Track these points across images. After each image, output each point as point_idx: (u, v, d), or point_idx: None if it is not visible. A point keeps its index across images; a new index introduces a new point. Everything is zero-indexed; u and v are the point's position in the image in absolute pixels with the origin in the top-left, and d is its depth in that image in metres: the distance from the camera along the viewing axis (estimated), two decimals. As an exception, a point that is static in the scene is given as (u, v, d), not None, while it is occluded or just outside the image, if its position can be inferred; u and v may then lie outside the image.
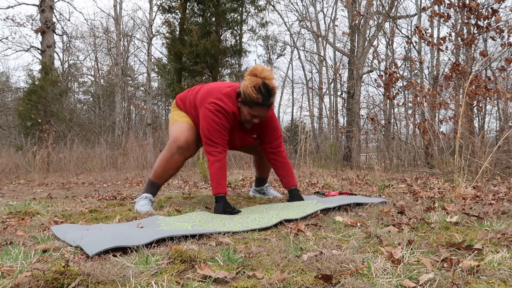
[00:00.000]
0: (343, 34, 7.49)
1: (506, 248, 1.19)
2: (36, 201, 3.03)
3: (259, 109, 2.16)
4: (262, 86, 2.10)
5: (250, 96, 2.10)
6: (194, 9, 10.19)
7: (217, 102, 2.17)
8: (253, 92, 2.09)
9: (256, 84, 2.10)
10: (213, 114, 2.16)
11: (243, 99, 2.14)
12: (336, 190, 2.94)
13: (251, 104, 2.13)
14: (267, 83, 2.12)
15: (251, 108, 2.15)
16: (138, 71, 21.88)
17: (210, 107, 2.17)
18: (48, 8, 11.61)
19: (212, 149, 2.17)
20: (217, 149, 2.16)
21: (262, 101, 2.11)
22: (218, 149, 2.17)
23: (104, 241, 1.34)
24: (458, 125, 2.90)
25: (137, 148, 7.70)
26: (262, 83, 2.10)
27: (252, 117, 2.20)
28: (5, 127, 15.63)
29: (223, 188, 2.11)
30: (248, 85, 2.10)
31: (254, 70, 2.14)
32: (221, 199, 2.09)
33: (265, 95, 2.10)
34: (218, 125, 2.16)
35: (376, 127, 7.34)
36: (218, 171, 2.13)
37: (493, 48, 10.63)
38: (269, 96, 2.13)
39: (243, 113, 2.20)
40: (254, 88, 2.09)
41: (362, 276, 0.99)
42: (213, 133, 2.16)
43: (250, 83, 2.10)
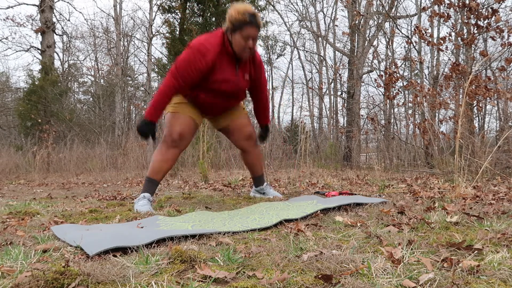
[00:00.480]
0: (343, 34, 7.48)
1: (506, 248, 1.19)
2: (36, 201, 3.03)
3: (249, 29, 2.27)
4: (244, 9, 2.27)
5: (237, 19, 2.25)
6: (194, 9, 10.19)
7: (199, 41, 2.30)
8: (238, 15, 2.25)
9: (239, 9, 2.27)
10: (190, 51, 2.27)
11: (232, 27, 2.27)
12: (336, 190, 2.94)
13: (240, 26, 2.26)
14: (248, 8, 2.30)
15: (241, 30, 2.26)
16: (138, 71, 21.89)
17: (190, 44, 2.30)
18: (48, 8, 11.61)
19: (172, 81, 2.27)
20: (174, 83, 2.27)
21: (249, 18, 2.25)
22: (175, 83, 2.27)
23: (104, 241, 1.34)
24: (458, 125, 2.90)
25: (137, 148, 7.69)
26: (243, 8, 2.28)
27: (245, 40, 2.28)
28: (5, 127, 15.63)
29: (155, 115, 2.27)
30: (232, 12, 2.27)
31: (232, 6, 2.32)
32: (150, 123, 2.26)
33: (249, 15, 2.26)
34: (190, 63, 2.26)
35: (376, 127, 7.34)
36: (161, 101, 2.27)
37: (493, 48, 10.64)
38: (254, 15, 2.28)
39: (236, 40, 2.30)
40: (239, 12, 2.25)
41: (362, 276, 0.99)
42: (182, 69, 2.27)
43: (233, 11, 2.27)
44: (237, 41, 2.29)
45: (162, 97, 2.27)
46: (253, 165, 2.85)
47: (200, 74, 2.30)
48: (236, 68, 2.41)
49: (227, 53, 2.34)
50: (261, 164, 2.89)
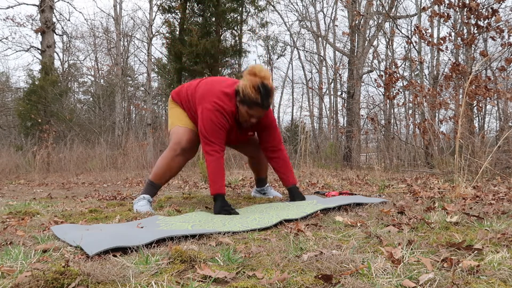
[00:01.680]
0: (343, 34, 7.49)
1: (506, 248, 1.19)
2: (36, 201, 3.03)
3: (257, 110, 2.16)
4: (261, 86, 2.09)
5: (249, 96, 2.10)
6: (194, 9, 10.19)
7: (217, 101, 2.18)
8: (252, 92, 2.08)
9: (255, 83, 2.08)
10: (212, 114, 2.16)
11: (242, 98, 2.14)
12: (336, 190, 2.94)
13: (249, 104, 2.13)
14: (266, 83, 2.11)
15: (249, 108, 2.15)
16: (138, 71, 21.90)
17: (209, 107, 2.17)
18: (48, 8, 11.61)
19: (209, 148, 2.17)
20: (215, 148, 2.16)
21: (261, 101, 2.11)
22: (216, 148, 2.16)
23: (104, 241, 1.34)
24: (458, 125, 2.90)
25: (137, 148, 7.70)
26: (261, 83, 2.09)
27: (249, 116, 2.20)
28: (5, 127, 15.63)
29: (221, 188, 2.11)
30: (247, 84, 2.10)
31: (253, 69, 2.13)
32: (219, 198, 2.09)
33: (263, 96, 2.10)
34: (216, 124, 2.17)
35: (376, 127, 7.34)
36: (216, 171, 2.13)
37: (493, 48, 10.63)
38: (268, 97, 2.12)
39: (241, 112, 2.20)
40: (253, 88, 2.08)
41: (362, 276, 0.99)
42: (212, 132, 2.16)
43: (249, 83, 2.09)
44: (242, 113, 2.20)
45: (215, 167, 2.14)
46: (259, 169, 2.85)
47: (226, 131, 2.23)
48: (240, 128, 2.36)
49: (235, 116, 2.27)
50: (266, 167, 2.88)
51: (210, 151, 2.16)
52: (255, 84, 2.08)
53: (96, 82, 20.85)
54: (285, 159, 2.46)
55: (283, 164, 2.44)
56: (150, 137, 10.88)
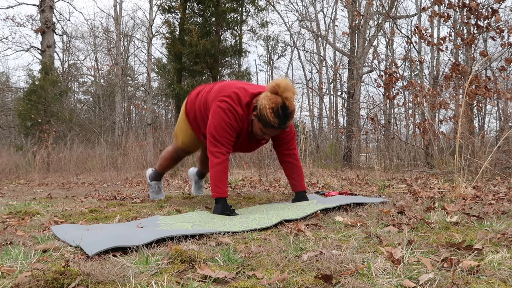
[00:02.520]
0: (343, 34, 7.49)
1: (506, 248, 1.19)
2: (36, 201, 3.03)
3: (272, 131, 2.10)
4: (280, 108, 1.98)
5: (266, 118, 2.00)
6: (194, 9, 10.19)
7: (230, 102, 2.09)
8: (270, 115, 1.98)
9: (275, 105, 1.98)
10: (223, 113, 2.07)
11: (258, 116, 2.05)
12: (336, 190, 2.94)
13: (265, 124, 2.05)
14: (287, 105, 2.00)
15: (264, 127, 2.07)
16: (138, 71, 21.90)
17: (221, 105, 2.08)
18: (48, 8, 11.61)
19: (215, 149, 2.08)
20: (221, 150, 2.08)
21: (278, 125, 2.02)
22: (222, 150, 2.08)
23: (104, 241, 1.34)
24: (458, 125, 2.90)
25: (137, 148, 7.69)
26: (281, 105, 1.99)
27: (263, 133, 2.14)
28: (5, 127, 15.63)
29: (223, 191, 2.05)
30: (266, 105, 1.98)
31: (277, 87, 2.00)
32: (220, 201, 2.04)
33: (282, 119, 2.01)
34: (227, 125, 2.08)
35: (376, 127, 7.34)
36: (219, 174, 2.06)
37: (493, 48, 10.64)
38: (286, 120, 2.03)
39: (255, 127, 2.13)
40: (272, 111, 1.98)
41: (362, 276, 0.99)
42: (220, 132, 2.08)
43: (269, 103, 1.98)
44: (256, 128, 2.13)
45: (219, 170, 2.07)
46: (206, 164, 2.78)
47: (236, 134, 2.14)
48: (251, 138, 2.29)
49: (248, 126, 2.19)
50: None
51: (215, 153, 2.08)
52: (274, 106, 1.98)
53: (96, 82, 20.85)
54: (298, 165, 2.39)
55: (296, 170, 2.37)
56: (150, 137, 10.89)
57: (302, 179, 2.39)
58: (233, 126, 2.10)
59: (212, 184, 2.06)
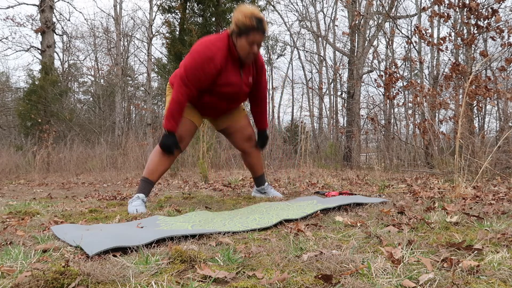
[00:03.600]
0: (343, 34, 7.48)
1: (506, 248, 1.19)
2: (36, 201, 3.03)
3: (255, 34, 2.26)
4: (252, 14, 2.23)
5: (243, 24, 2.22)
6: (194, 9, 10.19)
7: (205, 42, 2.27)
8: (246, 20, 2.22)
9: (246, 13, 2.23)
10: (198, 55, 2.24)
11: (238, 31, 2.25)
12: (336, 190, 2.94)
13: (246, 31, 2.24)
14: (256, 12, 2.26)
15: (247, 36, 2.25)
16: (138, 71, 21.90)
17: (197, 48, 2.25)
18: (48, 8, 11.61)
19: (181, 89, 2.26)
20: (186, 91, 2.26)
21: (256, 24, 2.23)
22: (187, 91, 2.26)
23: (104, 241, 1.34)
24: (458, 125, 2.90)
25: (137, 148, 7.70)
26: (251, 12, 2.24)
27: (250, 44, 2.27)
28: (5, 127, 15.63)
29: (173, 125, 2.27)
30: (239, 16, 2.23)
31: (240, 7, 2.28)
32: (171, 135, 2.26)
33: (257, 20, 2.23)
34: (199, 66, 2.23)
35: (376, 127, 7.34)
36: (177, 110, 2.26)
37: (493, 48, 10.64)
38: (261, 21, 2.25)
39: (241, 45, 2.28)
40: (246, 16, 2.22)
41: (362, 276, 0.99)
42: (191, 73, 2.25)
43: (240, 14, 2.23)
44: (242, 45, 2.28)
45: (176, 106, 2.27)
46: (253, 165, 2.85)
47: (210, 78, 2.29)
48: (240, 71, 2.41)
49: (232, 57, 2.33)
50: (261, 164, 2.89)
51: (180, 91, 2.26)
52: (246, 13, 2.23)
53: (96, 82, 20.85)
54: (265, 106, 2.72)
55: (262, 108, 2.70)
56: (150, 137, 10.88)
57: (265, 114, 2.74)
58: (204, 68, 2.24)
59: (168, 117, 2.27)
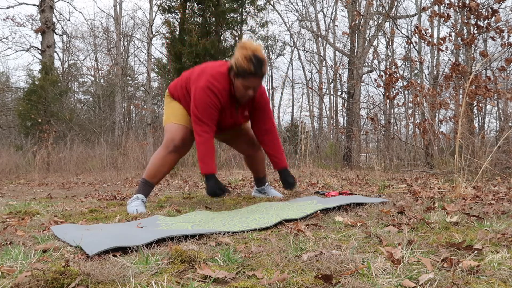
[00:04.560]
0: (343, 34, 7.48)
1: (506, 248, 1.19)
2: (36, 201, 3.03)
3: (252, 80, 2.19)
4: (252, 56, 2.13)
5: (242, 67, 2.14)
6: (194, 9, 10.19)
7: (210, 79, 2.22)
8: (244, 63, 2.13)
9: (246, 55, 2.13)
10: (204, 92, 2.20)
11: (236, 72, 2.18)
12: (336, 190, 2.94)
13: (244, 75, 2.17)
14: (257, 54, 2.15)
15: (244, 79, 2.18)
16: (138, 71, 21.90)
17: (202, 85, 2.21)
18: (48, 8, 11.61)
19: (200, 128, 2.21)
20: (205, 128, 2.21)
21: (255, 70, 2.15)
22: (205, 129, 2.21)
23: (104, 241, 1.34)
24: (458, 125, 2.90)
25: (137, 148, 7.70)
26: (252, 54, 2.13)
27: (246, 88, 2.23)
28: (5, 127, 15.63)
29: (211, 168, 2.17)
30: (238, 57, 2.14)
31: (243, 44, 2.19)
32: (210, 178, 2.15)
33: (256, 65, 2.14)
34: (208, 104, 2.20)
35: (376, 127, 7.34)
36: (206, 151, 2.19)
37: (493, 48, 10.63)
38: (261, 65, 2.17)
39: (237, 86, 2.23)
40: (245, 59, 2.13)
41: (362, 276, 0.99)
42: (203, 111, 2.20)
43: (240, 55, 2.14)
44: (238, 87, 2.24)
45: (203, 148, 2.21)
46: (256, 167, 2.86)
47: (218, 111, 2.27)
48: (236, 107, 2.39)
49: (230, 94, 2.31)
50: (264, 167, 2.89)
51: (200, 132, 2.21)
52: (246, 55, 2.13)
53: (96, 82, 20.85)
54: (277, 142, 2.51)
55: (274, 147, 2.50)
56: (150, 137, 10.88)
57: (282, 154, 2.51)
58: (214, 104, 2.22)
59: (200, 161, 2.19)
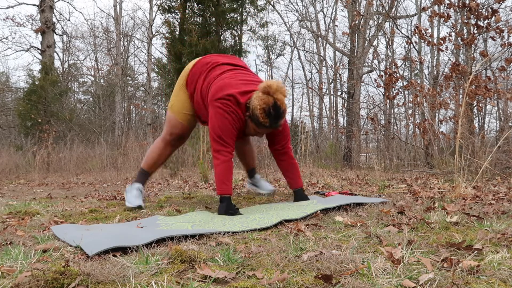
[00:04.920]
0: (343, 34, 7.48)
1: (506, 248, 1.19)
2: (36, 201, 3.03)
3: (265, 130, 2.17)
4: (272, 108, 2.02)
5: (257, 118, 2.06)
6: (194, 9, 10.19)
7: (230, 104, 2.12)
8: (261, 115, 2.04)
9: (266, 106, 2.02)
10: (227, 114, 2.12)
11: (251, 116, 2.11)
12: (336, 190, 2.94)
13: (257, 124, 2.11)
14: (278, 105, 2.04)
15: (257, 127, 2.14)
16: (138, 71, 21.90)
17: (224, 107, 2.11)
18: (48, 8, 11.61)
19: (222, 148, 2.13)
20: (227, 149, 2.13)
21: (269, 124, 2.08)
22: (228, 149, 2.14)
23: (104, 241, 1.34)
24: (458, 125, 2.90)
25: (137, 148, 7.69)
26: (272, 105, 2.03)
27: (256, 132, 2.22)
28: (5, 127, 15.63)
29: (228, 189, 2.08)
30: (257, 106, 2.03)
31: (268, 88, 2.04)
32: (225, 199, 2.06)
33: (273, 119, 2.06)
34: (231, 124, 2.13)
35: (376, 127, 7.34)
36: (225, 171, 2.11)
37: (493, 48, 10.63)
38: (278, 119, 2.08)
39: (249, 126, 2.18)
40: (263, 111, 2.03)
41: (362, 276, 0.99)
42: (226, 133, 2.13)
43: (260, 104, 2.03)
44: (249, 127, 2.19)
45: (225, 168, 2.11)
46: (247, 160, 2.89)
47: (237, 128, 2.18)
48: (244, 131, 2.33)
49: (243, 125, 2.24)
50: (254, 158, 2.92)
51: (221, 151, 2.13)
52: (265, 106, 2.02)
53: (96, 82, 20.85)
54: (293, 162, 2.43)
55: (290, 168, 2.41)
56: (150, 137, 10.88)
57: (298, 176, 2.43)
58: (235, 126, 2.17)
59: (217, 181, 2.11)
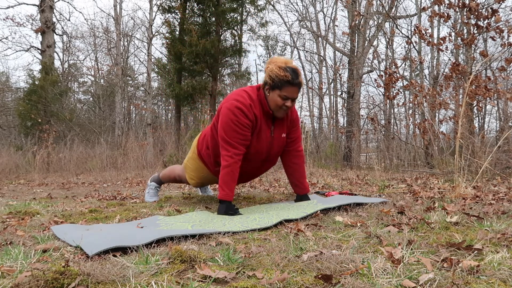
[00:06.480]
0: (343, 34, 7.48)
1: (506, 248, 1.19)
2: (36, 201, 3.03)
3: (289, 89, 2.09)
4: (286, 66, 2.08)
5: (278, 77, 2.06)
6: (194, 9, 10.19)
7: (237, 98, 2.10)
8: (280, 72, 2.05)
9: (280, 65, 2.08)
10: (231, 113, 2.06)
11: (271, 83, 2.09)
12: (336, 190, 2.94)
13: (281, 85, 2.07)
14: (290, 65, 2.11)
15: (281, 90, 2.08)
16: (138, 71, 21.92)
17: (228, 105, 2.09)
18: (48, 8, 11.61)
19: (224, 153, 2.07)
20: (229, 153, 2.06)
21: (292, 78, 2.06)
22: (230, 153, 2.06)
23: (104, 241, 1.34)
24: (458, 125, 2.90)
25: (137, 148, 7.69)
26: (285, 64, 2.09)
27: (283, 99, 2.10)
28: (5, 127, 15.63)
29: (228, 194, 2.04)
30: (272, 68, 2.07)
31: (272, 59, 2.14)
32: (225, 202, 2.04)
33: (292, 72, 2.07)
34: (236, 124, 2.06)
35: (376, 127, 7.34)
36: (228, 177, 2.05)
37: (493, 48, 10.63)
38: (297, 74, 2.09)
39: (274, 99, 2.11)
40: (281, 69, 2.06)
41: (362, 276, 0.99)
42: (230, 133, 2.06)
43: (274, 66, 2.07)
44: (274, 99, 2.11)
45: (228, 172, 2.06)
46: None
47: (250, 129, 2.11)
48: (271, 128, 2.23)
49: (264, 112, 2.17)
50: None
51: (224, 156, 2.07)
52: (281, 65, 2.08)
53: (96, 82, 20.86)
54: (302, 165, 2.41)
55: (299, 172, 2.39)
56: (150, 137, 10.89)
57: (306, 181, 2.44)
58: (242, 123, 2.07)
59: (220, 186, 2.07)
